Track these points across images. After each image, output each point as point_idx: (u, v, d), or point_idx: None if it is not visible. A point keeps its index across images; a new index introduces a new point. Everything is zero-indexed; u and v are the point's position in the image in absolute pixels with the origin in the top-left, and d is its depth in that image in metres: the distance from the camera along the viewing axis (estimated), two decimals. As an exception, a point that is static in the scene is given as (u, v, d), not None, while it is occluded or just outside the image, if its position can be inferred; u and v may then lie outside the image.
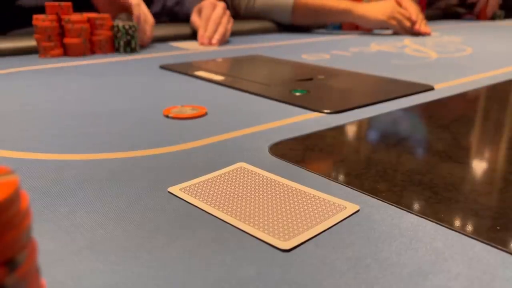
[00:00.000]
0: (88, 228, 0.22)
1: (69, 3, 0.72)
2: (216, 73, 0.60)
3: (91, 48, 0.76)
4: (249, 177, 0.28)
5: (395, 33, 1.16)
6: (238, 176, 0.28)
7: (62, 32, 0.73)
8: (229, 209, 0.24)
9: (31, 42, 0.74)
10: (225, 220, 0.23)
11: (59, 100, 0.47)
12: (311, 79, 0.58)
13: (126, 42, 0.77)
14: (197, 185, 0.27)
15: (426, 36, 1.13)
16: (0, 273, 0.12)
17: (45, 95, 0.49)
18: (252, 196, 0.25)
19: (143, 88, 0.53)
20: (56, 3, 0.72)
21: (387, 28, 1.16)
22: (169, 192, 0.26)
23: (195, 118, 0.41)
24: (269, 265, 0.20)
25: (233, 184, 0.27)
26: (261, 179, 0.27)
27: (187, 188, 0.26)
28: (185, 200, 0.25)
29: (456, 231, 0.22)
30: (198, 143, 0.35)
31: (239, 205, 0.24)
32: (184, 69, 0.63)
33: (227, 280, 0.18)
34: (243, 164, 0.29)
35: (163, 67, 0.65)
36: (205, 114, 0.42)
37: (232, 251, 0.20)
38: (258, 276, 0.19)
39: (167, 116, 0.41)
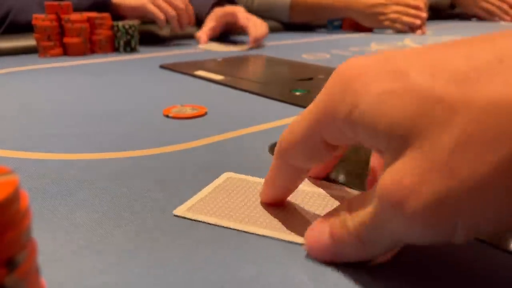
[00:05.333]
0: (88, 228, 0.22)
1: (69, 3, 0.72)
2: (216, 73, 0.60)
3: (91, 48, 0.76)
4: (241, 184, 0.27)
5: (399, 32, 1.16)
6: (231, 185, 0.27)
7: (62, 32, 0.72)
8: (247, 219, 0.23)
9: (30, 42, 0.74)
10: (247, 230, 0.22)
11: (59, 100, 0.47)
12: (311, 78, 0.58)
13: (126, 42, 0.77)
14: (200, 202, 0.25)
15: (426, 36, 1.13)
16: (0, 273, 0.12)
17: (45, 95, 0.49)
18: (257, 202, 0.25)
19: (143, 88, 0.53)
20: (56, 3, 0.72)
21: (388, 28, 1.16)
22: (175, 215, 0.23)
23: (195, 118, 0.41)
24: (269, 265, 0.20)
25: (233, 194, 0.26)
26: (253, 184, 0.27)
27: (193, 208, 0.24)
28: (199, 221, 0.23)
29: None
30: (198, 143, 0.35)
31: (252, 213, 0.24)
32: (184, 69, 0.63)
33: (227, 280, 0.18)
34: (230, 174, 0.28)
35: (163, 66, 0.65)
36: (205, 114, 0.42)
37: (232, 251, 0.20)
38: (258, 276, 0.19)
39: (167, 116, 0.41)
